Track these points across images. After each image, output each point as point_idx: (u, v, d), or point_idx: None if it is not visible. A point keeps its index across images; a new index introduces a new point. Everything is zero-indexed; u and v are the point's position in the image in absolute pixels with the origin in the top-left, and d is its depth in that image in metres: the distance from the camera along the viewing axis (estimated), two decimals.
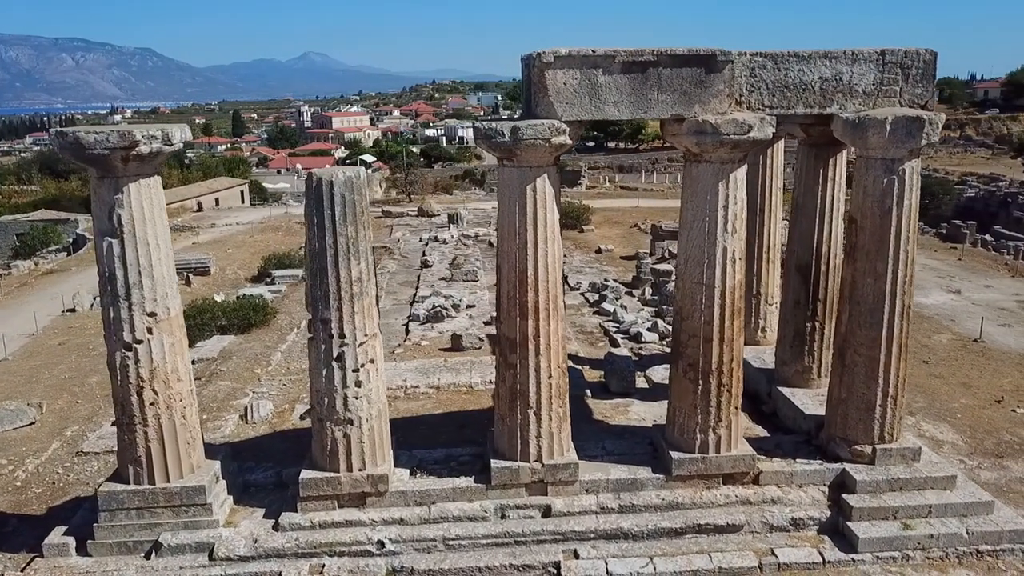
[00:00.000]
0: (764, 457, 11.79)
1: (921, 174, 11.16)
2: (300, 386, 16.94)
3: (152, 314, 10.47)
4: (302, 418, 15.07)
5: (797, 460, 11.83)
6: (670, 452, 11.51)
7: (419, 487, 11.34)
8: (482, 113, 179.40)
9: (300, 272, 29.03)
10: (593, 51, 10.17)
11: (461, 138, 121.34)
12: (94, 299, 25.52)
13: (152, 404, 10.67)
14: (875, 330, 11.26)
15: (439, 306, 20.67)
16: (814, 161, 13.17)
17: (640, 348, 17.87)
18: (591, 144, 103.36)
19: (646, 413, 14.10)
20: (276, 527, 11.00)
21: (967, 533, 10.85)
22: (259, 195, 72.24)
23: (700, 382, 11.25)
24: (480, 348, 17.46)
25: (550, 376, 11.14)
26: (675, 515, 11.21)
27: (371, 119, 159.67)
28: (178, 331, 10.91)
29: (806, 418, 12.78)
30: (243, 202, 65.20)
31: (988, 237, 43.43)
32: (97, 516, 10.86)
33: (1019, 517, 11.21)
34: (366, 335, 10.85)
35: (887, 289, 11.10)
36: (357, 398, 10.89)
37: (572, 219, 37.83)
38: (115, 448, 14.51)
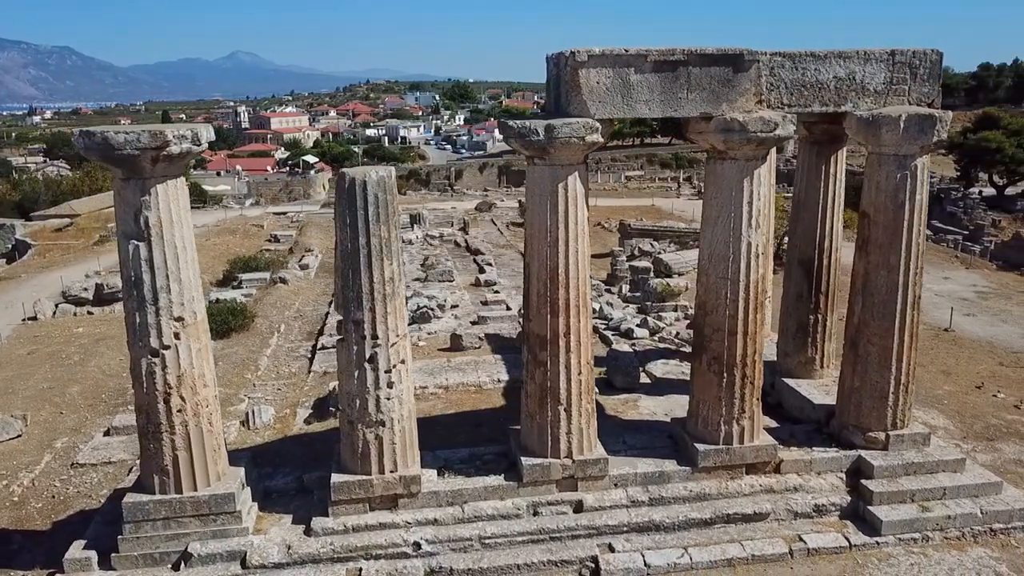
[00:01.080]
0: (782, 446, 12.11)
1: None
2: (296, 390, 16.68)
3: (179, 319, 10.20)
4: (307, 422, 14.86)
5: (814, 448, 12.19)
6: (695, 444, 11.72)
7: (450, 487, 11.30)
8: (421, 113, 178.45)
9: (267, 275, 28.52)
10: (626, 50, 10.31)
11: (403, 138, 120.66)
12: (56, 306, 24.62)
13: (179, 411, 10.39)
14: (888, 320, 11.70)
15: (424, 307, 20.56)
16: (816, 158, 13.56)
17: (633, 344, 18.11)
18: None
19: (655, 407, 14.33)
20: (308, 532, 10.83)
21: (981, 513, 11.35)
22: (199, 197, 70.55)
23: (725, 375, 11.49)
24: (480, 348, 17.45)
25: (580, 372, 11.25)
26: (704, 506, 11.43)
27: (309, 119, 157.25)
28: (204, 335, 10.67)
29: (815, 408, 13.17)
30: None
31: (928, 231, 45.26)
32: (121, 528, 10.51)
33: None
34: (398, 335, 10.78)
35: (900, 281, 11.54)
36: (389, 399, 10.80)
37: None
38: (112, 459, 14.20)
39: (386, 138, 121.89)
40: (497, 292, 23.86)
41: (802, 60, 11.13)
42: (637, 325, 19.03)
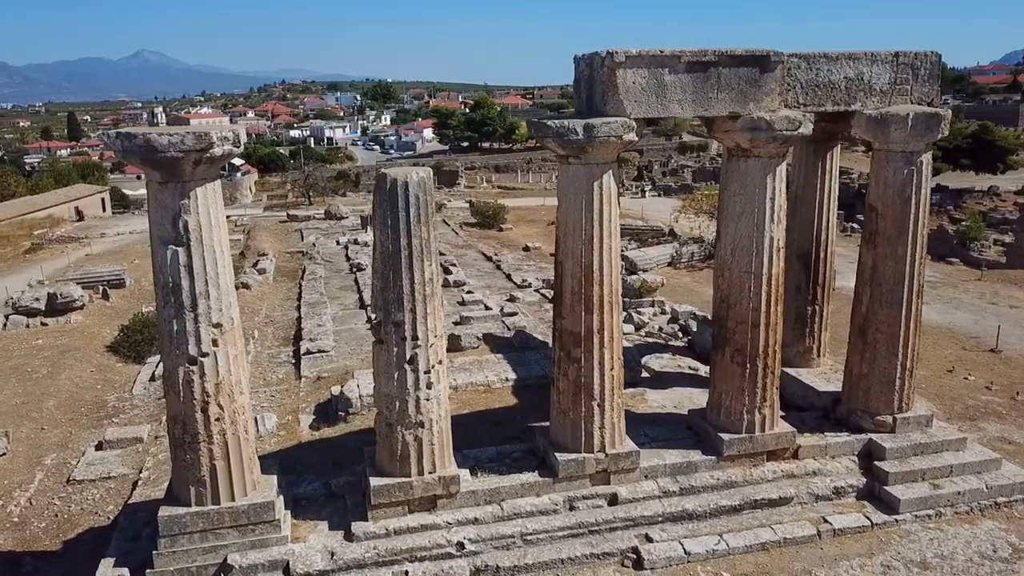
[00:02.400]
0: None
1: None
2: (291, 396, 16.36)
3: (218, 325, 9.93)
4: (313, 428, 14.60)
5: (826, 433, 12.70)
6: (719, 434, 12.07)
7: (487, 486, 11.34)
8: (342, 114, 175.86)
9: None
10: (661, 51, 10.55)
11: (329, 139, 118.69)
12: (6, 318, 23.40)
13: (217, 420, 10.12)
14: (895, 309, 12.31)
15: None
16: (812, 156, 14.11)
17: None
18: (465, 144, 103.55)
19: (663, 400, 14.65)
20: (349, 537, 10.70)
21: (986, 488, 12.06)
22: (120, 202, 68.12)
23: (748, 366, 11.88)
24: (478, 348, 17.43)
25: (612, 368, 11.45)
26: (731, 493, 11.79)
27: (230, 120, 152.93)
28: (239, 341, 10.41)
29: (820, 395, 13.71)
30: (104, 210, 61.32)
31: (855, 225, 47.43)
32: (156, 542, 10.17)
33: (1022, 471, 12.58)
34: (436, 336, 10.76)
35: (907, 271, 12.16)
36: (428, 400, 10.77)
37: (489, 218, 38.17)
38: (111, 474, 13.73)
39: (311, 139, 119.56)
40: (471, 292, 23.85)
41: (815, 61, 11.59)
42: (623, 320, 19.33)
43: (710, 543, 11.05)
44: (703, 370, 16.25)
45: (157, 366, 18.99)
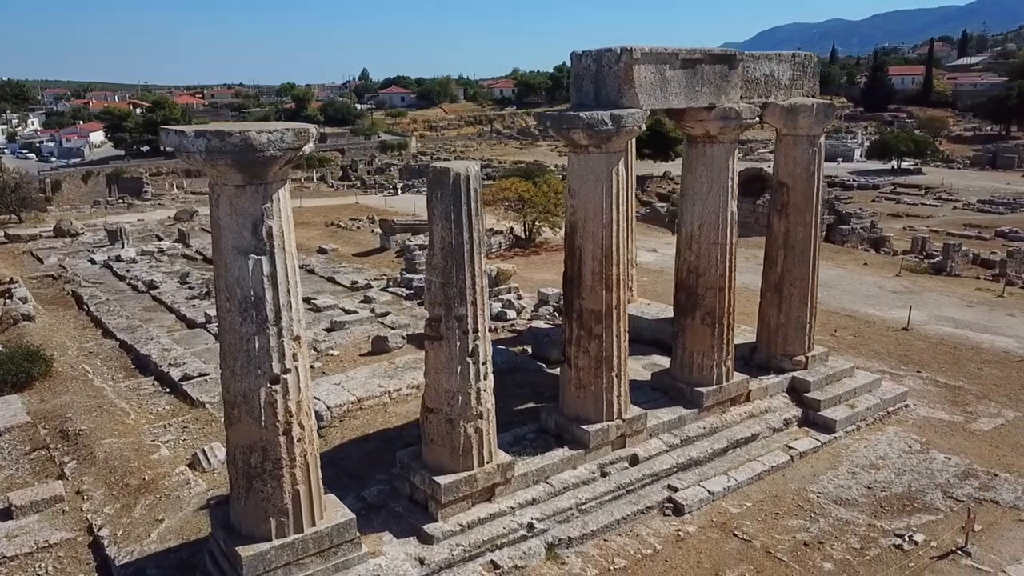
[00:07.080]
0: None
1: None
2: (212, 424, 14.89)
3: (297, 338, 9.23)
4: None
5: (761, 377, 14.89)
6: (696, 388, 13.63)
7: (533, 466, 11.74)
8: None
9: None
10: (665, 49, 11.71)
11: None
12: None
13: (299, 441, 9.39)
14: (805, 267, 14.81)
15: None
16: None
17: (513, 324, 19.30)
18: (146, 148, 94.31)
19: None
20: (426, 541, 10.50)
21: (881, 402, 15.07)
22: None
23: (716, 325, 13.57)
24: (402, 348, 17.08)
25: (625, 340, 12.44)
26: (718, 437, 13.44)
27: None
28: (307, 353, 9.68)
29: (736, 347, 15.89)
30: None
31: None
32: None
33: (896, 386, 15.86)
34: (487, 328, 10.92)
35: (812, 235, 14.69)
36: (485, 390, 10.93)
37: None
38: (50, 541, 11.85)
39: None
40: (314, 298, 22.98)
41: (746, 60, 13.54)
42: (503, 307, 20.19)
43: (723, 482, 12.58)
44: None
45: None
